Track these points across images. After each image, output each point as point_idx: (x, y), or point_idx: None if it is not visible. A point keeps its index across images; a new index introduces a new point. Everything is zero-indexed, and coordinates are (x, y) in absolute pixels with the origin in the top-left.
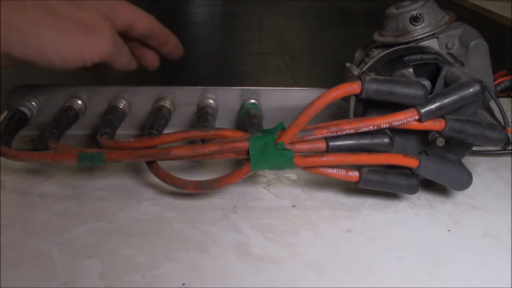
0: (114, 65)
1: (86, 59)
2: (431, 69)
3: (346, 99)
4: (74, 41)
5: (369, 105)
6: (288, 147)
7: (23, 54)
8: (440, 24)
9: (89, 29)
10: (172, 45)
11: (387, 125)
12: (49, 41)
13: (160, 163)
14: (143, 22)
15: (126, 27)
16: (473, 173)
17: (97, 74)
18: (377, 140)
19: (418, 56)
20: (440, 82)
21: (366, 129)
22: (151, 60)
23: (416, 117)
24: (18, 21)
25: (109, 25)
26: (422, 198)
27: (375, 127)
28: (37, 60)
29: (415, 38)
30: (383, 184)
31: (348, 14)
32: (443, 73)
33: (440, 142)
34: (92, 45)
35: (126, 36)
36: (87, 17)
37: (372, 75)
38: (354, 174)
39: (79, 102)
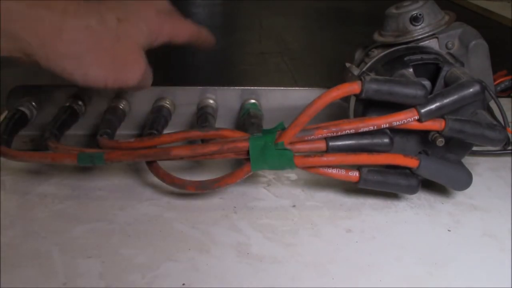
0: (132, 91)
1: (108, 87)
2: (431, 69)
3: (346, 99)
4: (103, 73)
5: (369, 105)
6: (288, 147)
7: (51, 68)
8: (440, 24)
9: (121, 63)
10: (207, 44)
11: (387, 125)
12: (79, 67)
13: (160, 163)
14: (182, 37)
15: (168, 41)
16: (473, 173)
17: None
18: (377, 140)
19: (418, 56)
20: (440, 82)
21: (366, 129)
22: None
23: (416, 117)
24: (53, 40)
25: (142, 61)
26: (422, 198)
27: (375, 127)
28: (62, 76)
29: (415, 38)
30: (383, 184)
31: (348, 14)
32: (443, 73)
33: (440, 142)
34: (118, 79)
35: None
36: (125, 50)
37: (372, 75)
38: (354, 174)
39: (79, 102)
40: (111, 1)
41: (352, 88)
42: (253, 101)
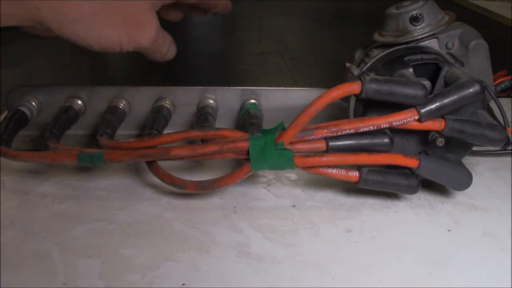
0: (149, 57)
1: (123, 49)
2: (431, 69)
3: (346, 99)
4: (116, 33)
5: (369, 105)
6: (288, 147)
7: (64, 35)
8: (440, 24)
9: (133, 22)
10: (222, 5)
11: (387, 125)
12: (92, 30)
13: (160, 163)
14: None
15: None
16: (473, 173)
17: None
18: (377, 140)
19: (418, 56)
20: (440, 82)
21: (366, 129)
22: (223, 8)
23: (416, 117)
24: (62, 3)
25: (155, 21)
26: (422, 198)
27: (375, 127)
28: (77, 42)
29: (415, 38)
30: (383, 184)
31: (348, 14)
32: (443, 73)
33: (440, 142)
34: (133, 39)
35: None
36: (135, 7)
37: (372, 75)
38: (354, 174)
39: (79, 102)
40: None
41: (352, 88)
42: (253, 101)
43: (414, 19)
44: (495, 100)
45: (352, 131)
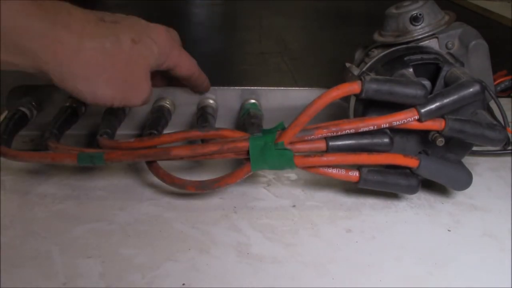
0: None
1: (114, 106)
2: (431, 69)
3: (346, 99)
4: (112, 93)
5: (369, 105)
6: (288, 147)
7: (63, 87)
8: (440, 24)
9: (131, 85)
10: (204, 87)
11: (387, 125)
12: (90, 87)
13: (160, 163)
14: (185, 69)
15: (169, 69)
16: (473, 173)
17: None
18: (377, 140)
19: (418, 56)
20: (440, 82)
21: (366, 129)
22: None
23: (416, 117)
24: (70, 61)
25: (149, 84)
26: (422, 198)
27: (375, 127)
28: (72, 94)
29: (415, 38)
30: (383, 184)
31: (348, 14)
32: (443, 73)
33: (440, 142)
34: (126, 99)
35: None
36: (135, 71)
37: (372, 75)
38: (354, 174)
39: (79, 102)
40: (126, 20)
41: (352, 88)
42: (253, 101)
43: (414, 19)
44: (495, 100)
45: (352, 131)
